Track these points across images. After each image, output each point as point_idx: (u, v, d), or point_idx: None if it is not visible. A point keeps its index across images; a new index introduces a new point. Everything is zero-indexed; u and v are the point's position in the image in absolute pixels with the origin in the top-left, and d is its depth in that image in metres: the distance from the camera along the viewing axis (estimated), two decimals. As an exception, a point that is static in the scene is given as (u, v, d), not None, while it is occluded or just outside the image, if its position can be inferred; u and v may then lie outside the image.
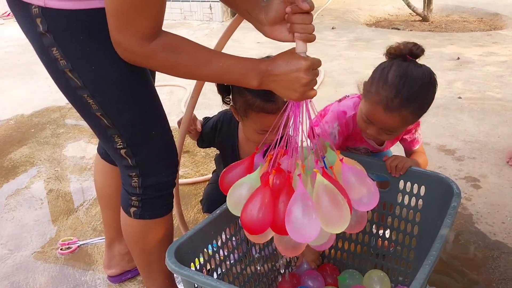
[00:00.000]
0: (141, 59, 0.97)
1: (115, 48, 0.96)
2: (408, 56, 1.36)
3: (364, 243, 1.55)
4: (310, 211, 0.99)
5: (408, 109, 1.32)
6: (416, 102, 1.32)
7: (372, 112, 1.35)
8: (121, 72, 1.04)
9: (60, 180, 2.36)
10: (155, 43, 0.94)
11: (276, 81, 1.01)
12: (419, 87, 1.32)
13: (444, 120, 2.88)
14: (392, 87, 1.31)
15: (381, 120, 1.35)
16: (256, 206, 1.03)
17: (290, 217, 0.99)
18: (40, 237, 1.93)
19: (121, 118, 1.10)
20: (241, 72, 1.01)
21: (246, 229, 1.05)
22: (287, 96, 1.03)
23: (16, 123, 3.07)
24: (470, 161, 2.38)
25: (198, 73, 1.02)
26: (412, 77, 1.31)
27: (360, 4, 6.59)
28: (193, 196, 2.16)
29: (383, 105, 1.31)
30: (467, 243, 1.79)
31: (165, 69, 1.01)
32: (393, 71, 1.33)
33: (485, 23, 5.71)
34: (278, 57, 1.02)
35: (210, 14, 5.71)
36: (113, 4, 0.90)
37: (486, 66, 3.86)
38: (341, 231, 1.01)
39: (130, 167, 1.17)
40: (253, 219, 1.03)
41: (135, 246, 1.30)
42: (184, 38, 0.99)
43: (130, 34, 0.92)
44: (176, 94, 3.42)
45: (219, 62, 1.00)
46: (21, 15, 1.02)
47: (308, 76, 0.98)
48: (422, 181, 1.37)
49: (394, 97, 1.30)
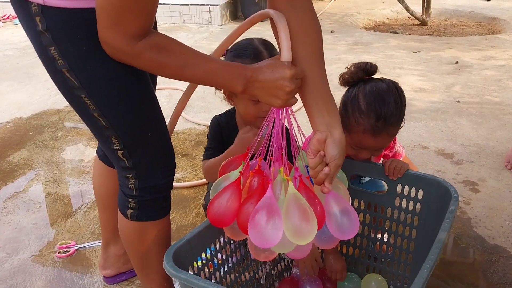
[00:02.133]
0: (128, 58, 0.98)
1: (102, 46, 0.96)
2: (365, 77, 1.38)
3: (362, 247, 1.54)
4: (274, 217, 0.98)
5: (392, 125, 1.35)
6: (396, 115, 1.35)
7: (360, 141, 1.37)
8: (118, 73, 1.04)
9: (58, 183, 2.36)
10: (143, 43, 0.94)
11: (260, 87, 1.02)
12: (394, 101, 1.34)
13: (442, 124, 2.88)
14: (370, 113, 1.32)
15: (371, 144, 1.37)
16: (222, 200, 1.06)
17: (253, 220, 0.99)
18: (38, 241, 1.92)
19: (118, 119, 1.10)
20: (227, 77, 1.02)
21: (210, 220, 1.09)
22: (269, 103, 1.04)
23: (14, 126, 3.06)
24: (469, 165, 2.38)
25: (184, 75, 1.02)
26: (381, 95, 1.33)
27: (359, 8, 6.61)
28: (191, 199, 2.16)
29: (369, 132, 1.34)
30: (466, 247, 1.79)
31: (151, 69, 1.01)
32: (362, 98, 1.34)
33: (483, 27, 5.73)
34: (263, 64, 1.03)
35: (209, 18, 5.72)
36: (102, 2, 0.90)
37: (485, 70, 3.87)
38: (305, 243, 1.00)
39: (127, 168, 1.17)
40: (216, 211, 1.06)
41: (132, 248, 1.30)
42: (172, 39, 0.99)
43: (118, 33, 0.93)
44: (175, 97, 3.42)
45: (206, 65, 1.01)
46: (22, 13, 1.02)
47: (291, 84, 1.00)
48: (420, 184, 1.37)
49: (377, 121, 1.32)
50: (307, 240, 0.99)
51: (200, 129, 2.90)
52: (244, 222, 1.02)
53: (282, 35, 1.01)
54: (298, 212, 0.98)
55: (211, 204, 1.08)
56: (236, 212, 1.06)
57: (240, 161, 1.15)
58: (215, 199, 1.08)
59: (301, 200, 1.00)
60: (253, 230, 0.99)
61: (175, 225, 1.98)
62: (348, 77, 1.40)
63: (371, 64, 1.39)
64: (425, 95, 3.36)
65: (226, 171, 1.17)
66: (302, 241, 1.00)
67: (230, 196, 1.07)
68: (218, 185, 1.14)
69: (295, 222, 0.98)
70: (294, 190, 1.02)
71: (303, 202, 1.00)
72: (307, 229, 0.99)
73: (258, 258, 1.13)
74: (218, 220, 1.08)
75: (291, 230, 0.99)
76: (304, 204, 1.00)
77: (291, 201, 1.00)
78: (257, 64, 1.04)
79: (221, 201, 1.07)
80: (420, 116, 2.99)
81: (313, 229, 0.99)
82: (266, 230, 0.97)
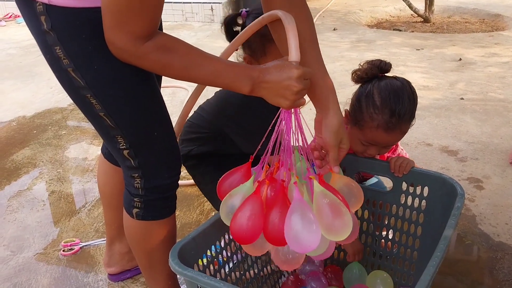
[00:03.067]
0: (133, 58, 0.97)
1: (108, 46, 0.96)
2: (380, 74, 1.39)
3: (367, 244, 1.54)
4: (310, 220, 0.97)
5: (406, 123, 1.37)
6: (409, 112, 1.36)
7: (373, 137, 1.38)
8: (124, 73, 1.04)
9: (62, 182, 2.36)
10: (149, 43, 0.94)
11: (267, 88, 1.01)
12: (408, 99, 1.35)
13: (446, 121, 2.87)
14: (384, 109, 1.33)
15: (383, 140, 1.38)
16: (246, 214, 1.01)
17: (289, 227, 0.97)
18: (42, 239, 1.93)
19: (124, 119, 1.10)
20: (233, 77, 1.01)
21: (236, 239, 1.04)
22: (277, 104, 1.03)
23: (18, 125, 3.07)
24: (473, 162, 2.38)
25: (190, 75, 1.01)
26: (396, 92, 1.35)
27: (362, 6, 6.60)
28: (195, 197, 2.16)
29: (383, 128, 1.34)
30: (471, 244, 1.78)
31: (157, 70, 1.01)
32: (377, 94, 1.35)
33: (487, 24, 5.71)
34: (270, 65, 1.03)
35: (211, 16, 5.72)
36: (108, 2, 0.90)
37: (488, 67, 3.85)
38: (344, 238, 1.00)
39: (133, 168, 1.16)
40: (242, 228, 1.01)
41: (137, 247, 1.30)
42: (178, 40, 0.99)
43: (124, 33, 0.92)
44: (178, 96, 3.42)
45: (212, 66, 1.00)
46: (27, 13, 1.02)
47: (299, 84, 0.99)
48: (425, 182, 1.37)
49: (391, 117, 1.33)
50: (343, 236, 0.99)
51: (203, 127, 2.89)
52: (273, 233, 1.00)
53: (291, 35, 1.00)
54: (331, 209, 0.98)
55: (234, 220, 1.02)
56: (261, 225, 1.02)
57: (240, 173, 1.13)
58: (237, 216, 1.02)
59: (329, 196, 1.00)
60: (291, 238, 0.97)
61: (179, 222, 1.98)
62: (361, 73, 1.40)
63: (385, 62, 1.40)
64: (429, 92, 3.35)
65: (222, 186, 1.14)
66: (339, 236, 1.00)
67: (253, 208, 1.02)
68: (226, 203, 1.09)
69: (328, 220, 0.98)
70: (321, 187, 1.01)
71: (332, 197, 1.00)
72: (342, 223, 0.99)
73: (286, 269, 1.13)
74: (245, 237, 1.02)
75: (326, 228, 0.98)
76: (334, 199, 0.99)
77: (319, 199, 0.99)
78: (264, 65, 1.04)
79: (245, 216, 1.01)
80: (424, 113, 2.98)
81: (349, 223, 0.99)
82: (303, 234, 0.96)
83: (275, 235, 1.00)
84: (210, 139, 1.64)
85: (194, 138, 1.66)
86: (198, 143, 1.66)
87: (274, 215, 1.01)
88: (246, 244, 1.07)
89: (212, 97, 1.69)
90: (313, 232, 0.97)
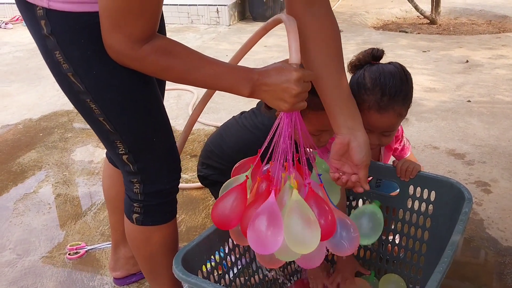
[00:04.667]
0: (132, 62, 0.97)
1: (106, 50, 0.95)
2: (373, 61, 1.38)
3: (374, 248, 1.53)
4: (274, 223, 0.96)
5: (398, 102, 1.33)
6: (402, 92, 1.34)
7: (366, 120, 1.34)
8: (123, 77, 1.04)
9: (68, 185, 2.37)
10: (147, 46, 0.93)
11: (267, 90, 1.01)
12: (399, 79, 1.34)
13: (453, 124, 2.85)
14: (375, 89, 1.32)
15: (378, 123, 1.35)
16: (228, 202, 1.05)
17: (253, 224, 0.97)
18: (48, 242, 1.93)
19: (123, 124, 1.09)
20: (233, 80, 1.01)
21: (214, 222, 1.08)
22: (277, 107, 1.03)
23: (24, 128, 3.08)
24: (480, 165, 2.35)
25: (190, 78, 1.00)
26: (387, 72, 1.34)
27: (368, 7, 6.58)
28: (200, 200, 2.16)
29: (375, 108, 1.32)
30: (478, 248, 1.77)
31: (157, 73, 1.01)
32: (368, 76, 1.34)
33: (493, 25, 5.67)
34: (270, 67, 1.02)
35: (217, 18, 5.72)
36: (106, 5, 0.90)
37: (496, 69, 3.83)
38: (306, 252, 0.98)
39: (132, 173, 1.16)
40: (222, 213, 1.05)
41: (139, 252, 1.29)
42: (176, 43, 0.99)
43: (122, 37, 0.92)
44: (184, 98, 3.43)
45: (211, 69, 1.00)
46: (27, 17, 1.02)
47: (298, 87, 0.98)
48: (432, 186, 1.36)
49: (382, 96, 1.31)
50: (308, 249, 0.97)
51: (208, 130, 2.90)
52: (247, 226, 1.01)
53: (291, 37, 1.00)
54: (300, 219, 0.96)
55: (216, 205, 1.06)
56: (240, 215, 1.04)
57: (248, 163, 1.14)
58: (220, 201, 1.06)
59: (304, 208, 0.98)
60: (252, 235, 0.97)
61: (184, 226, 1.98)
62: (355, 61, 1.40)
63: (377, 49, 1.39)
64: (436, 94, 3.33)
65: (239, 172, 1.15)
66: (302, 249, 0.98)
67: (235, 199, 1.05)
68: (227, 186, 1.12)
69: (295, 230, 0.95)
70: (298, 197, 0.99)
71: (306, 209, 0.98)
72: (308, 237, 0.96)
73: (265, 265, 1.12)
74: (222, 222, 1.06)
75: (291, 238, 0.96)
76: (307, 211, 0.97)
77: (293, 208, 0.97)
78: (264, 67, 1.04)
79: (226, 203, 1.05)
80: (430, 116, 2.97)
81: (315, 238, 0.96)
82: (265, 235, 0.95)
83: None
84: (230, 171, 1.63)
85: (214, 167, 1.68)
86: (218, 172, 1.67)
87: (252, 210, 1.02)
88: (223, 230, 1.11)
89: (231, 123, 1.69)
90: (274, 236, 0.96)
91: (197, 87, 1.16)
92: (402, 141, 1.58)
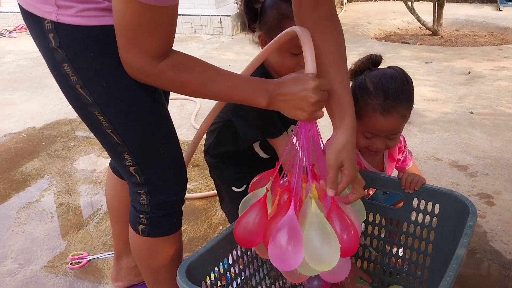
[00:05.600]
0: (151, 78, 0.98)
1: (124, 66, 0.96)
2: (372, 67, 1.42)
3: (377, 261, 1.52)
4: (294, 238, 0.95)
5: (401, 104, 1.35)
6: (404, 94, 1.36)
7: (372, 124, 1.37)
8: (132, 90, 1.04)
9: (70, 194, 2.37)
10: (165, 62, 0.94)
11: (284, 100, 1.01)
12: (400, 81, 1.37)
13: (456, 136, 2.85)
14: (378, 92, 1.34)
15: (383, 127, 1.36)
16: (250, 218, 1.04)
17: (273, 239, 0.96)
18: (50, 251, 1.93)
19: (131, 136, 1.09)
20: (249, 92, 1.01)
21: (237, 241, 1.07)
22: (295, 116, 1.03)
23: (27, 136, 3.09)
24: (483, 177, 2.35)
25: (207, 92, 1.02)
26: (388, 76, 1.37)
27: (370, 18, 6.60)
28: (203, 211, 2.15)
29: (379, 111, 1.34)
30: (482, 261, 1.76)
31: (174, 88, 1.01)
32: (369, 81, 1.37)
33: (495, 37, 5.69)
34: (286, 78, 1.03)
35: (220, 28, 5.75)
36: (122, 22, 0.90)
37: (498, 81, 3.83)
38: (326, 269, 0.96)
39: (139, 184, 1.16)
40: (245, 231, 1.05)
41: (143, 263, 1.29)
42: (192, 57, 1.00)
43: (139, 53, 0.92)
44: (187, 108, 3.43)
45: (228, 81, 1.00)
46: (34, 30, 1.02)
47: (316, 95, 0.99)
48: (437, 199, 1.35)
49: (385, 99, 1.33)
50: (327, 266, 0.96)
51: (211, 140, 2.89)
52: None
53: (306, 47, 1.01)
54: (319, 234, 0.95)
55: (238, 223, 1.05)
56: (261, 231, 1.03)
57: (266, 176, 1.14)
58: (242, 218, 1.05)
59: (322, 222, 0.96)
60: (273, 251, 0.96)
61: (187, 237, 1.98)
62: (354, 68, 1.43)
63: (375, 55, 1.43)
64: (438, 106, 3.34)
65: (257, 187, 1.15)
66: (321, 266, 0.96)
67: (257, 214, 1.03)
68: (246, 202, 1.11)
69: (314, 245, 0.94)
70: (317, 210, 0.98)
71: (324, 223, 0.96)
72: (327, 254, 0.95)
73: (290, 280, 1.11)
74: (246, 240, 1.05)
75: (309, 254, 0.95)
76: (326, 226, 0.96)
77: (312, 222, 0.96)
78: (280, 79, 1.04)
79: (248, 220, 1.04)
80: (433, 127, 2.97)
81: (334, 255, 0.95)
82: (286, 251, 0.94)
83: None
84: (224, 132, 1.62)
85: (213, 129, 1.66)
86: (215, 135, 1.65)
87: (274, 225, 1.01)
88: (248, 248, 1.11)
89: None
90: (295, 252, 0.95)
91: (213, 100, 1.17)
92: (405, 152, 1.58)
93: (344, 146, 1.06)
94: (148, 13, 0.88)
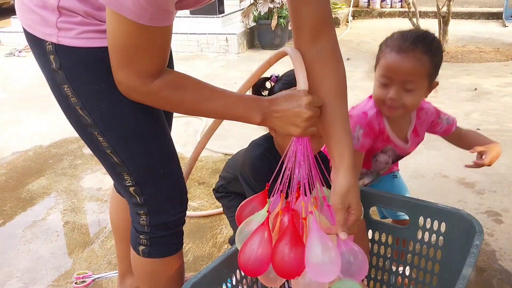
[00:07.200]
0: (143, 97, 0.98)
1: (117, 86, 0.97)
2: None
3: (384, 281, 1.50)
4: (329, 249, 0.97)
5: (418, 48, 1.35)
6: (424, 43, 1.36)
7: (387, 64, 1.38)
8: (131, 111, 1.05)
9: (76, 212, 2.37)
10: (158, 81, 0.95)
11: (278, 117, 1.02)
12: (424, 33, 1.40)
13: (462, 152, 2.81)
14: (398, 37, 1.40)
15: (396, 67, 1.35)
16: (252, 247, 1.02)
17: (309, 257, 0.97)
18: (55, 270, 1.92)
19: (130, 157, 1.10)
20: (243, 109, 1.02)
21: (244, 271, 1.04)
22: (288, 132, 1.04)
23: (34, 154, 3.11)
24: (491, 194, 2.33)
25: (201, 110, 1.02)
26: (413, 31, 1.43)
27: (375, 35, 6.63)
28: (208, 229, 2.14)
29: (395, 50, 1.36)
30: (491, 280, 1.73)
31: (169, 106, 1.02)
32: (394, 34, 1.43)
33: (501, 53, 5.68)
34: (279, 95, 1.04)
35: (226, 46, 5.80)
36: (115, 42, 0.91)
37: (504, 97, 3.82)
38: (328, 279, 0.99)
39: (139, 205, 1.16)
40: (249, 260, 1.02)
41: (145, 284, 1.28)
42: (186, 76, 1.00)
43: (132, 73, 0.93)
44: (193, 125, 3.45)
45: (222, 99, 1.01)
46: (37, 51, 1.04)
47: (309, 110, 0.99)
48: (443, 217, 1.34)
49: (403, 41, 1.37)
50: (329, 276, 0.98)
51: (217, 157, 2.90)
52: (281, 264, 0.99)
53: (297, 65, 1.03)
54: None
55: (242, 252, 1.03)
56: (270, 256, 1.01)
57: (258, 200, 1.13)
58: (246, 246, 1.03)
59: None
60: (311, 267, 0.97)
61: (191, 255, 1.96)
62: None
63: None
64: (444, 122, 3.32)
65: (242, 213, 1.14)
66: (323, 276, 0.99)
67: (261, 240, 1.02)
68: (241, 231, 1.10)
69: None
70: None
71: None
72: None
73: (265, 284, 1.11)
74: (253, 269, 1.03)
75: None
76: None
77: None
78: (273, 96, 1.05)
79: (252, 247, 1.01)
80: (439, 144, 2.94)
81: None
82: (323, 263, 0.96)
83: (282, 267, 1.00)
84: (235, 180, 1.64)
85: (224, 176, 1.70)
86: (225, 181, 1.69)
87: (282, 247, 1.00)
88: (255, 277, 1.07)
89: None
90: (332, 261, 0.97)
91: (208, 117, 1.17)
92: (443, 121, 1.64)
93: (349, 189, 1.05)
94: (141, 33, 0.88)
